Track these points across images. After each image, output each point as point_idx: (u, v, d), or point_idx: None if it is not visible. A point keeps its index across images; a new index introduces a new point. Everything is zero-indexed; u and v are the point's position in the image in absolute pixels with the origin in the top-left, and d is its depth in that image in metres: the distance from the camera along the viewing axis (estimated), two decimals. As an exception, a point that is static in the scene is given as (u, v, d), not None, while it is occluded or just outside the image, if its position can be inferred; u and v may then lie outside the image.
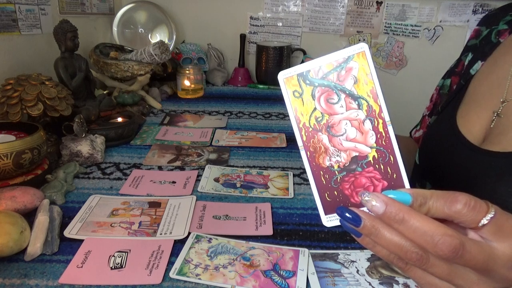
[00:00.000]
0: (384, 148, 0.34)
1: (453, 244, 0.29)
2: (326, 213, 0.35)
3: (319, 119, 0.34)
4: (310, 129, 0.34)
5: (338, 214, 0.33)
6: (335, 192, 0.35)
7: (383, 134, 0.34)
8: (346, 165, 0.34)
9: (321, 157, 0.35)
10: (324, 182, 0.35)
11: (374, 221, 0.32)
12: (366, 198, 0.32)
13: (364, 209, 0.33)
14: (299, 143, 0.34)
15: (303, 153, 0.35)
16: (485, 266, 0.30)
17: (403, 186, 0.34)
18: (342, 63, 0.33)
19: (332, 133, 0.34)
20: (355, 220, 0.32)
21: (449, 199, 0.31)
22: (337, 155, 0.34)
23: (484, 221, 0.30)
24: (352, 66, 0.33)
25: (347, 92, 0.34)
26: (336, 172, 0.34)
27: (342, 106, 0.34)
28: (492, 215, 0.30)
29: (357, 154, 0.34)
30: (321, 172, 0.35)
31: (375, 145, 0.34)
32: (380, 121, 0.34)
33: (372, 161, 0.34)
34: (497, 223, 0.31)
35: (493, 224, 0.30)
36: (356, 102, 0.34)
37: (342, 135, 0.34)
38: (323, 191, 0.35)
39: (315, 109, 0.34)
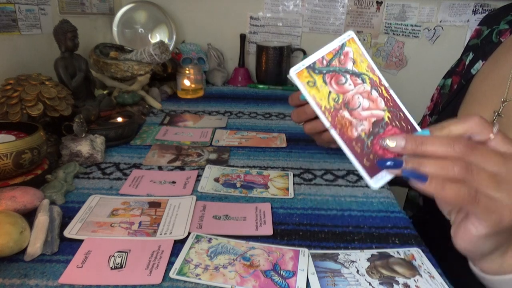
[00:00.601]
0: (393, 108, 0.42)
1: (464, 142, 0.35)
2: (370, 177, 0.39)
3: (336, 100, 0.40)
4: (332, 109, 0.39)
5: (380, 166, 0.38)
6: (371, 156, 0.39)
7: (388, 97, 0.42)
8: (370, 130, 0.40)
9: (349, 129, 0.39)
10: (358, 150, 0.39)
11: (414, 145, 0.36)
12: (387, 142, 0.38)
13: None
14: (327, 124, 0.39)
15: (333, 132, 0.39)
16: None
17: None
18: (339, 50, 0.41)
19: (350, 107, 0.40)
20: (396, 161, 0.37)
21: (464, 118, 0.37)
22: (361, 125, 0.40)
23: (495, 130, 0.37)
24: (347, 50, 0.41)
25: (351, 72, 0.41)
26: (365, 139, 0.40)
27: (350, 84, 0.41)
28: (497, 128, 0.37)
29: (375, 119, 0.41)
30: (353, 142, 0.39)
31: (385, 107, 0.42)
32: (383, 87, 0.42)
33: (388, 121, 0.41)
34: (503, 134, 0.37)
35: (500, 136, 0.37)
36: (360, 78, 0.41)
37: (358, 107, 0.40)
38: (361, 159, 0.39)
39: (330, 92, 0.40)
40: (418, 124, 0.41)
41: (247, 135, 0.88)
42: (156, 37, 1.37)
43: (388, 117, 0.41)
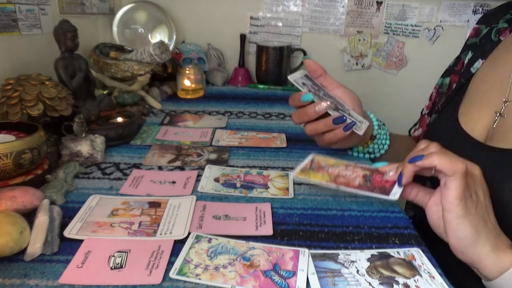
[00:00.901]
0: (367, 169, 0.60)
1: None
2: (387, 195, 0.53)
3: (330, 176, 0.58)
4: (331, 179, 0.57)
5: (413, 161, 0.50)
6: (376, 187, 0.55)
7: (361, 167, 0.60)
8: (364, 179, 0.57)
9: (351, 183, 0.56)
10: (366, 188, 0.55)
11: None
12: (390, 174, 0.55)
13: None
14: (334, 187, 0.56)
15: (342, 188, 0.56)
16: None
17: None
18: (310, 163, 0.62)
19: (342, 176, 0.58)
20: (418, 156, 0.49)
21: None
22: (356, 179, 0.57)
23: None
24: (316, 160, 0.62)
25: (327, 167, 0.60)
26: (365, 182, 0.56)
27: (331, 170, 0.60)
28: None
29: (362, 176, 0.58)
30: (359, 187, 0.56)
31: (362, 170, 0.59)
32: (352, 165, 0.61)
33: (371, 173, 0.58)
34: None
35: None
36: (335, 166, 0.61)
37: (346, 175, 0.58)
38: (372, 191, 0.54)
39: (323, 174, 0.58)
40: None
41: (247, 135, 0.88)
42: (156, 37, 1.37)
43: (368, 173, 0.58)
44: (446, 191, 0.47)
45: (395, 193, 0.53)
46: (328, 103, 0.63)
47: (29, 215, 0.51)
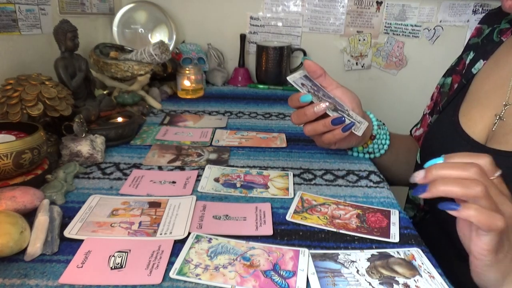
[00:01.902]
0: (359, 207, 0.60)
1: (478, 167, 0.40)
2: (388, 238, 0.53)
3: (324, 217, 0.57)
4: (328, 222, 0.56)
5: (418, 194, 0.43)
6: (372, 227, 0.55)
7: (349, 204, 0.61)
8: (358, 219, 0.57)
9: (349, 226, 0.55)
10: (366, 231, 0.54)
11: (434, 172, 0.41)
12: (414, 177, 0.44)
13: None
14: (332, 229, 0.55)
15: (344, 231, 0.54)
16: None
17: None
18: (301, 201, 0.61)
19: (336, 218, 0.57)
20: (423, 187, 0.41)
21: (476, 155, 0.42)
22: (351, 221, 0.57)
23: (497, 173, 0.42)
24: (305, 198, 0.62)
25: (318, 207, 0.60)
26: (361, 223, 0.56)
27: (323, 208, 0.60)
28: (500, 173, 0.42)
29: (355, 215, 0.58)
30: (358, 229, 0.55)
31: (353, 208, 0.59)
32: (341, 201, 0.61)
33: (363, 212, 0.59)
34: (500, 179, 0.43)
35: (498, 180, 0.42)
36: (326, 204, 0.60)
37: (340, 216, 0.58)
38: (371, 234, 0.53)
39: (318, 216, 0.57)
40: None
41: (247, 135, 0.88)
42: (156, 37, 1.37)
43: (361, 211, 0.58)
44: (477, 240, 0.41)
45: (394, 235, 0.53)
46: (327, 104, 0.63)
47: (29, 215, 0.51)
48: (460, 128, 0.64)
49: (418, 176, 0.42)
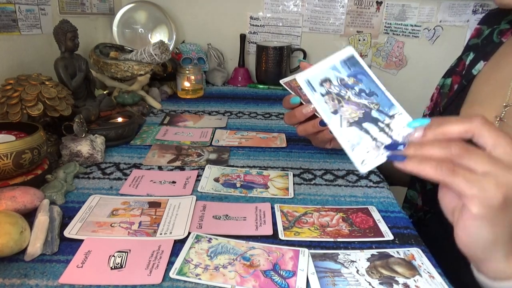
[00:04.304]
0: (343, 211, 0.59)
1: (481, 117, 0.37)
2: (383, 237, 0.49)
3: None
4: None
5: (387, 148, 0.42)
6: (362, 227, 0.54)
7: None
8: (348, 224, 0.55)
9: (342, 231, 0.54)
10: (360, 235, 0.53)
11: (413, 150, 0.39)
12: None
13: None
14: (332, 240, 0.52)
15: (342, 239, 0.52)
16: None
17: None
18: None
19: None
20: (401, 157, 0.39)
21: (467, 118, 0.38)
22: (339, 225, 0.55)
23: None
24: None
25: None
26: (350, 227, 0.54)
27: None
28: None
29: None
30: (352, 234, 0.53)
31: (338, 212, 0.58)
32: (318, 207, 0.60)
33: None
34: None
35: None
36: None
37: None
38: (365, 237, 0.51)
39: (314, 230, 0.54)
40: None
41: (247, 135, 0.88)
42: (156, 37, 1.37)
43: (343, 214, 0.57)
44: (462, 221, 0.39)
45: (387, 232, 0.53)
46: (312, 106, 0.63)
47: (29, 215, 0.51)
48: None
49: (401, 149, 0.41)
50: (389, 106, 0.47)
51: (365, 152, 0.45)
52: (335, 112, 0.46)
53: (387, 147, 0.43)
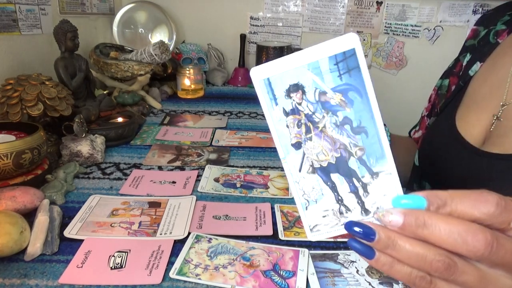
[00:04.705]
0: None
1: (486, 237, 0.26)
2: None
3: None
4: None
5: (347, 229, 0.30)
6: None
7: None
8: None
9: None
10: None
11: (390, 232, 0.28)
12: (381, 213, 0.29)
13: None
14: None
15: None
16: None
17: None
18: None
19: None
20: (367, 234, 0.28)
21: (478, 199, 0.27)
22: None
23: None
24: None
25: None
26: None
27: None
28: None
29: None
30: None
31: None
32: None
33: None
34: None
35: None
36: None
37: None
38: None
39: None
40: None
41: (247, 135, 0.88)
42: (156, 37, 1.37)
43: None
44: None
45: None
46: None
47: (29, 215, 0.51)
48: (457, 131, 0.64)
49: (392, 218, 0.28)
50: (378, 157, 0.31)
51: (320, 216, 0.32)
52: (297, 145, 0.31)
53: (348, 227, 0.30)
